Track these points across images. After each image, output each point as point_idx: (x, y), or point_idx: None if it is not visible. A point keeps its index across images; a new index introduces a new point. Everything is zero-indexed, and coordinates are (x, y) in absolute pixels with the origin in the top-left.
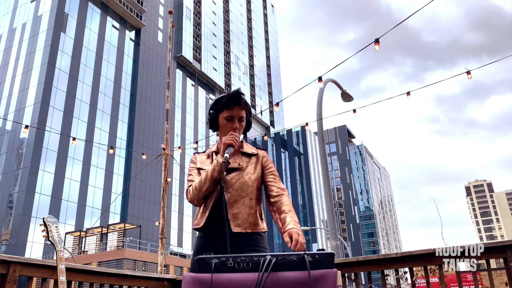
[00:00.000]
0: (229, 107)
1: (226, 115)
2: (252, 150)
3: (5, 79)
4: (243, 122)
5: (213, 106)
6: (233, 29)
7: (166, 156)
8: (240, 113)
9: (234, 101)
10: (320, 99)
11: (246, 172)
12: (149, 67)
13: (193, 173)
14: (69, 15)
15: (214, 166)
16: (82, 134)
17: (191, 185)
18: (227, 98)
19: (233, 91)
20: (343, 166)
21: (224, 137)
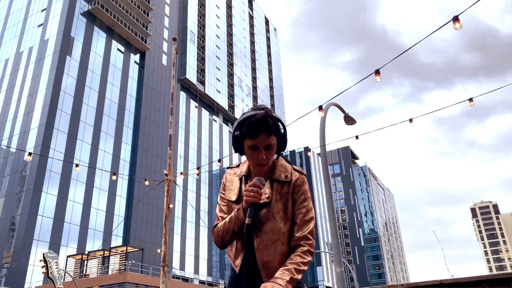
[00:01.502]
0: (252, 136)
1: (250, 144)
2: (286, 175)
3: (11, 102)
4: (272, 149)
5: (237, 127)
6: (236, 52)
7: (168, 182)
8: (267, 140)
9: (258, 128)
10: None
11: (277, 209)
12: (153, 89)
13: (221, 204)
14: (75, 39)
15: (235, 220)
16: (86, 156)
17: (216, 226)
18: (249, 126)
19: (257, 116)
20: (347, 188)
21: (246, 191)
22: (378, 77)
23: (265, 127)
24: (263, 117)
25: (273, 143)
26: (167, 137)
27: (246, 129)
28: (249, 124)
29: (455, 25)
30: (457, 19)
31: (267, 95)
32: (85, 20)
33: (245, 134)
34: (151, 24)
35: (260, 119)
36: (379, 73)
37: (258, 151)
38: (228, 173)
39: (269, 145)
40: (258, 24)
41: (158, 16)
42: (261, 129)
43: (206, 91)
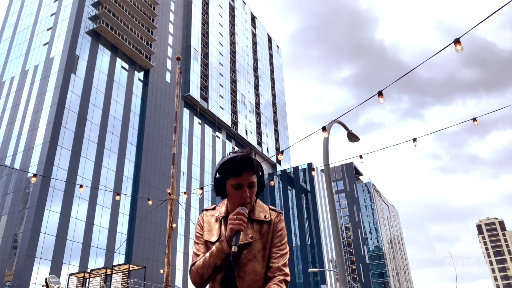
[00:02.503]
0: (237, 174)
1: (234, 183)
2: (265, 215)
3: (16, 119)
4: (254, 187)
5: (219, 170)
6: (239, 69)
7: (171, 201)
8: (250, 178)
9: (242, 166)
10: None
11: (258, 248)
12: (157, 106)
13: (198, 243)
14: (79, 57)
15: (218, 252)
16: (89, 173)
17: (194, 264)
18: (234, 164)
19: (240, 155)
20: (351, 204)
21: (231, 219)
22: (381, 99)
23: (248, 165)
24: (246, 156)
25: (255, 181)
26: (171, 154)
27: (230, 167)
28: (234, 163)
29: (457, 47)
30: (458, 41)
31: (269, 111)
32: (90, 39)
33: (229, 173)
34: (155, 42)
35: (244, 157)
36: (381, 94)
37: (242, 189)
38: (204, 215)
39: (252, 183)
40: (261, 41)
41: (162, 34)
42: (245, 167)
43: (209, 108)
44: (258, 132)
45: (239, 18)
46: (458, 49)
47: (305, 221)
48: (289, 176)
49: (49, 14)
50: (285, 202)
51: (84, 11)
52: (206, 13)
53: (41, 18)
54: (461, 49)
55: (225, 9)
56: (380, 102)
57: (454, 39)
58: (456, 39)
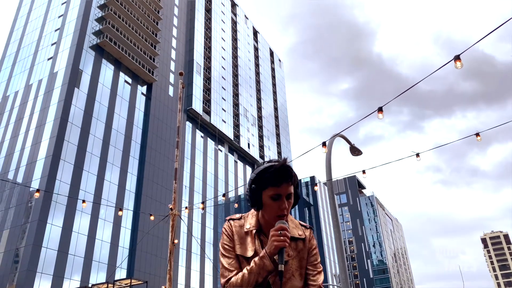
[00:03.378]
0: (276, 184)
1: (272, 193)
2: (299, 233)
3: (19, 133)
4: (292, 199)
5: (255, 180)
6: (241, 83)
7: (173, 216)
8: (288, 189)
9: (282, 176)
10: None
11: (295, 266)
12: (159, 120)
13: (229, 257)
14: (83, 71)
15: (259, 270)
16: (92, 186)
17: (229, 281)
18: (273, 174)
19: (279, 164)
20: (354, 218)
21: (274, 236)
22: (380, 115)
23: (287, 175)
24: (285, 165)
25: (293, 193)
26: (173, 167)
27: (269, 176)
28: (273, 172)
29: (456, 64)
30: (458, 58)
31: (272, 124)
32: (93, 53)
33: (268, 182)
34: (158, 57)
35: (282, 168)
36: (381, 110)
37: (280, 201)
38: (232, 225)
39: (290, 195)
40: (263, 55)
41: (165, 49)
42: (284, 178)
43: (212, 121)
44: (260, 145)
45: (241, 32)
46: (457, 65)
47: None
48: None
49: (54, 29)
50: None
51: (88, 26)
52: (208, 28)
53: (45, 34)
54: (461, 66)
55: (227, 24)
56: (380, 118)
57: (454, 56)
58: (456, 56)
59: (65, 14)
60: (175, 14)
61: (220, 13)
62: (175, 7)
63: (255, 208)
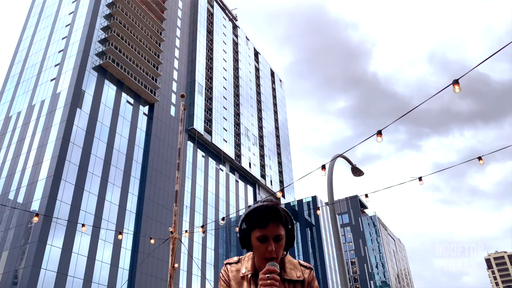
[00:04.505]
0: (261, 225)
1: (258, 235)
2: (298, 274)
3: (21, 153)
4: (282, 240)
5: (244, 220)
6: (242, 102)
7: (173, 240)
8: (276, 230)
9: (269, 217)
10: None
11: None
12: (161, 140)
13: None
14: (85, 92)
15: None
16: (92, 207)
17: None
18: (259, 214)
19: (266, 204)
20: (356, 238)
21: (261, 280)
22: (379, 138)
23: (274, 215)
24: (272, 206)
25: (283, 234)
26: (174, 188)
27: (255, 218)
28: (259, 212)
29: (455, 88)
30: (456, 82)
31: (273, 143)
32: (96, 74)
33: (254, 224)
34: (160, 77)
35: (269, 207)
36: (380, 133)
37: (267, 243)
38: (229, 270)
39: (279, 236)
40: (264, 75)
41: (167, 70)
42: (271, 218)
43: (213, 141)
44: (261, 164)
45: (243, 53)
46: (456, 90)
47: (310, 256)
48: (293, 209)
49: (57, 50)
50: None
51: (91, 48)
52: (210, 49)
53: (49, 55)
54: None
55: (229, 45)
56: (379, 141)
57: (453, 80)
58: (455, 80)
59: (69, 36)
60: (177, 36)
61: (222, 35)
62: (177, 29)
63: (246, 249)
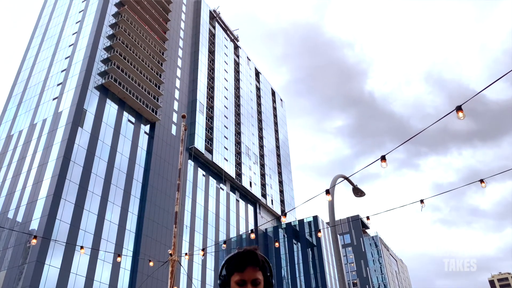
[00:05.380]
0: (239, 269)
1: (237, 279)
2: None
3: (21, 172)
4: (260, 285)
5: (224, 266)
6: (243, 121)
7: (173, 262)
8: (254, 275)
9: (246, 261)
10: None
11: None
12: (161, 158)
13: None
14: (87, 111)
15: None
16: (92, 226)
17: None
18: (237, 258)
19: (243, 250)
20: (358, 259)
21: None
22: (384, 163)
23: (252, 259)
24: (250, 250)
25: (260, 278)
26: (174, 206)
27: (233, 262)
28: (236, 257)
29: (459, 115)
30: (460, 108)
31: (274, 162)
32: (98, 93)
33: (233, 268)
34: (162, 97)
35: (247, 252)
36: (385, 159)
37: (245, 287)
38: None
39: (256, 280)
40: (265, 95)
41: (169, 89)
42: (249, 262)
43: (214, 160)
44: (262, 183)
45: (244, 73)
46: (460, 116)
47: (311, 277)
48: (294, 229)
49: (60, 70)
50: (290, 256)
51: (94, 67)
52: (212, 68)
53: (52, 74)
54: (463, 117)
55: (230, 65)
56: (383, 167)
57: (456, 107)
58: (458, 107)
59: (72, 55)
60: (179, 56)
61: (223, 55)
62: (179, 49)
63: None
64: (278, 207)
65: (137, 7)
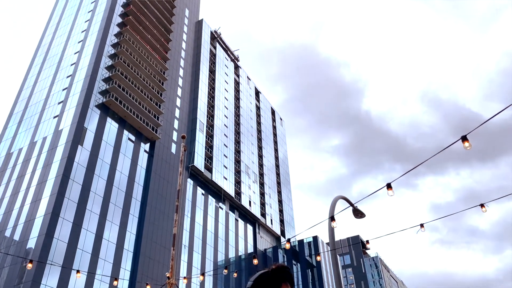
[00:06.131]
0: (290, 281)
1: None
2: None
3: (20, 190)
4: None
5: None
6: (243, 140)
7: (170, 285)
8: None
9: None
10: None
11: None
12: (161, 177)
13: None
14: (87, 129)
15: None
16: (89, 245)
17: None
18: (287, 272)
19: (279, 266)
20: (358, 280)
21: None
22: (390, 191)
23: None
24: (283, 266)
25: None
26: (173, 226)
27: (285, 275)
28: (286, 270)
29: (464, 144)
30: (465, 138)
31: (273, 181)
32: (99, 112)
33: (282, 279)
34: (162, 115)
35: (283, 268)
36: (390, 187)
37: None
38: None
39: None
40: (265, 114)
41: (169, 108)
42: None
43: (213, 178)
44: (262, 202)
45: (244, 92)
46: (466, 145)
47: None
48: (294, 250)
49: (61, 88)
50: None
51: (95, 86)
52: (212, 87)
53: (53, 93)
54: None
55: (230, 84)
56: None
57: (461, 136)
58: (463, 137)
59: (74, 74)
60: (180, 75)
61: (224, 74)
62: (181, 68)
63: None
64: (277, 227)
65: (139, 27)
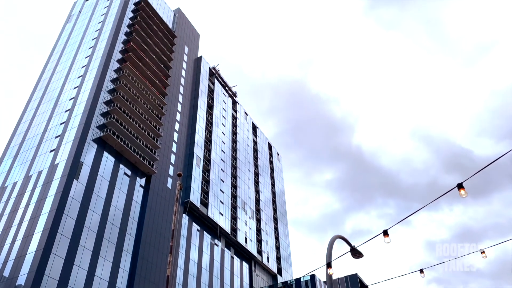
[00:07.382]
0: None
1: None
2: None
3: (12, 225)
4: None
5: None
6: (240, 175)
7: None
8: None
9: None
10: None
11: None
12: (156, 212)
13: None
14: (83, 163)
15: None
16: (81, 283)
17: None
18: None
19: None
20: None
21: None
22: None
23: None
24: None
25: None
26: (167, 262)
27: None
28: None
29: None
30: (461, 186)
31: (270, 217)
32: (95, 146)
33: None
34: (159, 149)
35: None
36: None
37: None
38: None
39: None
40: (262, 149)
41: (166, 142)
42: None
43: (209, 214)
44: (258, 239)
45: (241, 127)
46: (462, 193)
47: None
48: None
49: (59, 122)
50: None
51: (93, 121)
52: (210, 122)
53: (51, 127)
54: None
55: (228, 119)
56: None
57: (457, 184)
58: (459, 184)
59: (72, 109)
60: (178, 110)
61: (221, 110)
62: (179, 103)
63: None
64: (274, 265)
65: (139, 63)
